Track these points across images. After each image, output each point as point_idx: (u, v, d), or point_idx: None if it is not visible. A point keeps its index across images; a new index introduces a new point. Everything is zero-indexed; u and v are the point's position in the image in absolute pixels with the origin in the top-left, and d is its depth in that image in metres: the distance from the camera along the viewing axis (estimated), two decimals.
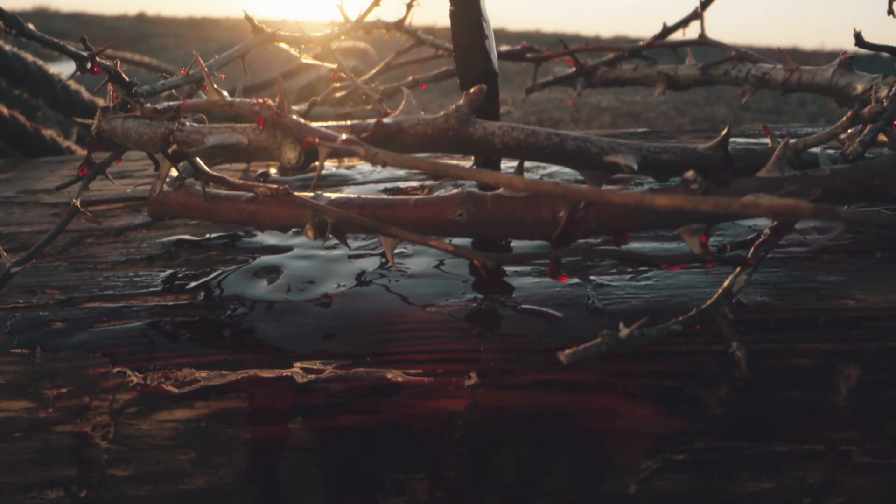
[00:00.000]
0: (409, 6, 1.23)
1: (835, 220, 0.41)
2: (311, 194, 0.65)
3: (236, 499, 0.73)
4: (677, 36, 1.29)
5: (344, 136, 0.50)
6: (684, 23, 1.27)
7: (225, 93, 0.64)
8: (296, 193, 0.64)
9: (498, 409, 0.66)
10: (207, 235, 0.93)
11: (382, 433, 0.68)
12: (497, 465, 0.68)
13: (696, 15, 1.24)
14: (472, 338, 0.69)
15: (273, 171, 1.14)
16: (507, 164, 1.05)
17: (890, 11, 0.93)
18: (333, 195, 0.68)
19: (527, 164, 0.87)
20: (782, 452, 0.66)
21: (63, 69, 1.62)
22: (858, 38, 0.92)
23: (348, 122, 0.62)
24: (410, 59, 1.38)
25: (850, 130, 0.74)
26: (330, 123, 0.63)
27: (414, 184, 1.09)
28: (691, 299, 0.70)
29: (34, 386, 0.73)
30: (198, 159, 0.70)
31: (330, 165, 1.16)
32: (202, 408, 0.70)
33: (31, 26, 0.84)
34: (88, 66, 0.79)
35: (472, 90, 0.58)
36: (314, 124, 0.58)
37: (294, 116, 0.57)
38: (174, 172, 0.73)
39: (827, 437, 0.65)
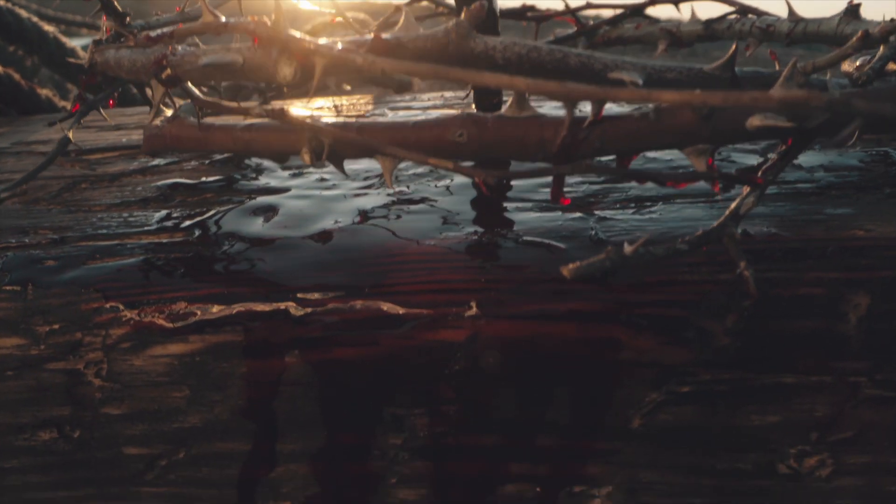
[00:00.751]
0: None
1: (849, 111, 0.39)
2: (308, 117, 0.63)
3: (232, 437, 0.72)
4: None
5: (340, 46, 0.48)
6: None
7: (221, 16, 0.63)
8: (292, 114, 0.62)
9: (499, 339, 0.64)
10: (203, 179, 0.91)
11: (381, 366, 0.66)
12: (498, 399, 0.66)
13: None
14: (473, 269, 0.67)
15: None
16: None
17: None
18: (331, 119, 0.66)
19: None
20: (789, 384, 0.64)
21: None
22: None
23: (347, 38, 0.60)
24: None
25: (857, 62, 0.73)
26: (325, 39, 0.61)
27: None
28: (696, 231, 0.68)
29: (26, 323, 0.72)
30: (191, 85, 0.68)
31: None
32: (197, 342, 0.69)
33: None
34: None
35: (472, 5, 0.56)
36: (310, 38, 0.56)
37: (290, 31, 0.55)
38: (166, 112, 0.71)
39: (835, 369, 0.63)
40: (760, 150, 0.87)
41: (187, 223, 0.79)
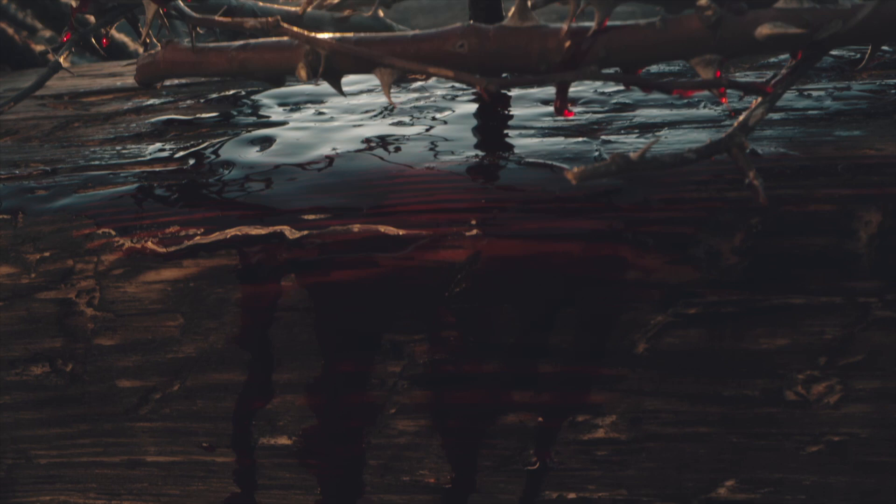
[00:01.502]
0: None
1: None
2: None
3: (227, 367, 0.70)
4: None
5: None
6: None
7: None
8: (288, 25, 0.60)
9: (501, 259, 0.62)
10: (198, 115, 0.89)
11: (379, 289, 0.65)
12: (499, 323, 0.64)
13: None
14: (474, 189, 0.65)
15: None
16: None
17: None
18: (329, 35, 0.64)
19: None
20: (798, 305, 0.62)
21: None
22: None
23: None
24: None
25: None
26: None
27: None
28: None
29: (16, 251, 0.70)
30: (182, 4, 0.66)
31: None
32: (191, 267, 0.67)
33: None
34: None
35: None
36: None
37: None
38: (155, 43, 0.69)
39: (845, 289, 0.61)
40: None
41: (182, 153, 0.77)
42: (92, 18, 0.83)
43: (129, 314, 0.70)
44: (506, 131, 0.75)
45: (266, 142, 0.79)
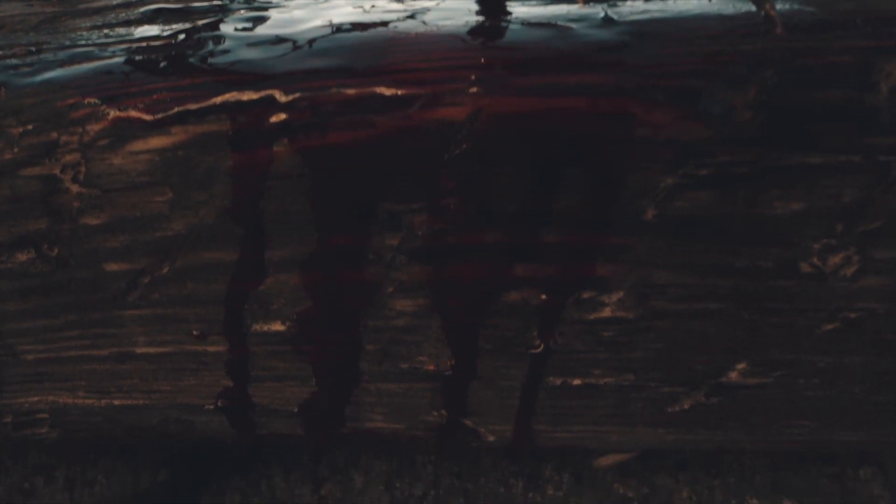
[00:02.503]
0: None
1: None
2: None
3: (218, 244, 0.67)
4: None
5: None
6: None
7: None
8: None
9: (503, 117, 0.59)
10: (189, 5, 0.86)
11: (376, 153, 0.62)
12: (501, 188, 0.61)
13: None
14: (475, 48, 0.62)
15: None
16: None
17: None
18: None
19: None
20: (815, 165, 0.59)
21: None
22: None
23: None
24: None
25: None
26: None
27: None
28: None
29: None
30: None
31: None
32: (179, 133, 0.64)
33: None
34: None
35: None
36: None
37: None
38: None
39: (865, 146, 0.58)
40: None
41: (171, 32, 0.74)
42: None
43: (116, 189, 0.67)
44: (509, 4, 0.71)
45: (260, 20, 0.75)
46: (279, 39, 0.67)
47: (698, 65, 0.59)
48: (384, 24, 0.68)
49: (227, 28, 0.72)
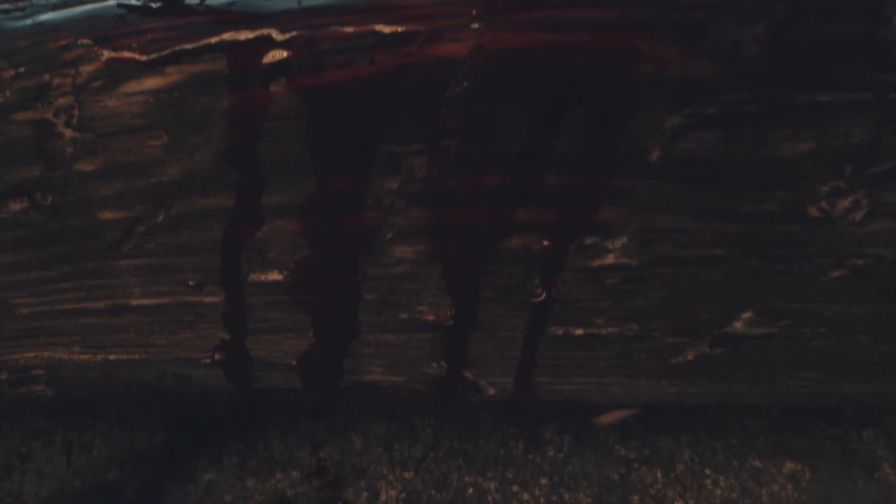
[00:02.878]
0: None
1: None
2: None
3: (214, 189, 0.66)
4: None
5: None
6: None
7: None
8: None
9: (505, 52, 0.58)
10: None
11: (374, 92, 0.60)
12: (503, 128, 0.60)
13: None
14: None
15: None
16: None
17: None
18: None
19: None
20: (824, 104, 0.58)
21: None
22: None
23: None
24: None
25: None
26: None
27: None
28: None
29: None
30: None
31: None
32: (174, 74, 0.63)
33: None
34: None
35: None
36: None
37: None
38: None
39: (876, 83, 0.56)
40: None
41: None
42: None
43: (110, 133, 0.65)
44: None
45: None
46: None
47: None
48: None
49: None
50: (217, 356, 0.75)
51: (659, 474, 0.88)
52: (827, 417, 0.92)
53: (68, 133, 0.66)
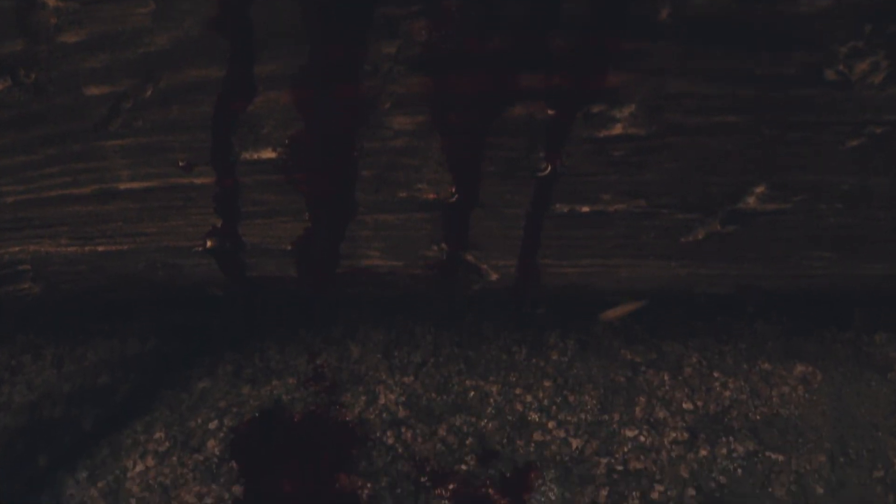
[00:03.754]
0: None
1: None
2: None
3: (204, 60, 0.63)
4: None
5: None
6: None
7: None
8: None
9: None
10: None
11: None
12: None
13: None
14: None
15: None
16: None
17: None
18: None
19: None
20: None
21: None
22: None
23: None
24: None
25: None
26: None
27: None
28: None
29: None
30: None
31: None
32: None
33: None
34: None
35: None
36: None
37: None
38: None
39: None
40: None
41: None
42: None
43: (95, 1, 0.62)
44: None
45: None
46: None
47: None
48: None
49: None
50: (209, 243, 0.72)
51: (666, 377, 0.86)
52: (838, 322, 0.90)
53: (52, 2, 0.63)
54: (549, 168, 0.64)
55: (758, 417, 0.82)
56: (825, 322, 0.90)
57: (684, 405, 0.83)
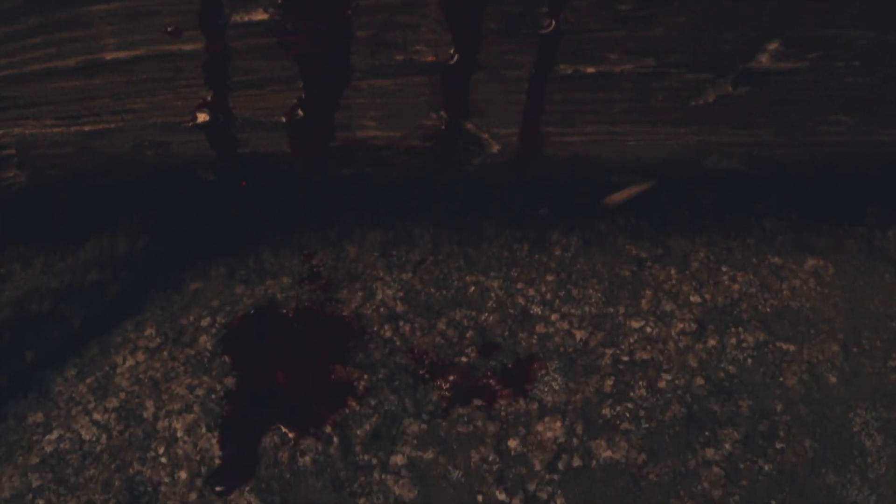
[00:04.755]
0: None
1: None
2: None
3: None
4: None
5: None
6: None
7: None
8: None
9: None
10: None
11: None
12: None
13: None
14: None
15: None
16: None
17: None
18: None
19: None
20: None
21: None
22: None
23: None
24: None
25: None
26: None
27: None
28: None
29: None
30: None
31: None
32: None
33: None
34: None
35: None
36: None
37: None
38: None
39: None
40: None
41: None
42: None
43: None
44: None
45: None
46: None
47: None
48: None
49: None
50: (199, 117, 0.69)
51: (673, 271, 0.83)
52: (850, 218, 0.87)
53: None
54: (553, 24, 0.61)
55: (768, 310, 0.79)
56: (836, 218, 0.87)
57: (692, 298, 0.80)
